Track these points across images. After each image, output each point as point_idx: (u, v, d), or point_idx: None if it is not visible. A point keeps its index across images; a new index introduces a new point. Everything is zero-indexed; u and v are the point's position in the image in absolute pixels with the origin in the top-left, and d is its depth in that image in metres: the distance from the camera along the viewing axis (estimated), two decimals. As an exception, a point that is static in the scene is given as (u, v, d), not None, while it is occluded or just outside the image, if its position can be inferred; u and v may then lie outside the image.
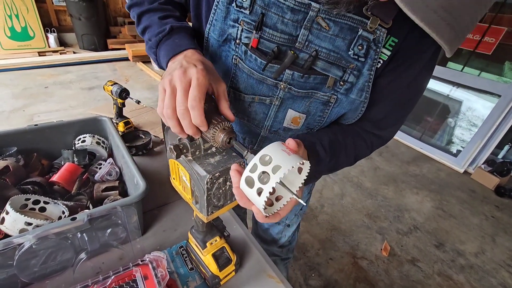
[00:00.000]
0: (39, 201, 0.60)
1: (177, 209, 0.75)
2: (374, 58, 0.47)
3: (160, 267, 0.52)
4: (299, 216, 0.94)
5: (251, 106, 0.58)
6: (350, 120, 0.58)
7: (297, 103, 0.54)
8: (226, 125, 0.41)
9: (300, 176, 0.39)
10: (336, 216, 2.00)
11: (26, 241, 0.47)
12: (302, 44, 0.47)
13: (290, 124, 0.58)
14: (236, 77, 0.55)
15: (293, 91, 0.52)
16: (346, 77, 0.49)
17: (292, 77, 0.50)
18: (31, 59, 3.70)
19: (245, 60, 0.51)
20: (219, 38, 0.52)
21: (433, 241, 1.90)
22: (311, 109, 0.55)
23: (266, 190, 0.33)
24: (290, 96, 0.53)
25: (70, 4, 3.97)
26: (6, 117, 2.57)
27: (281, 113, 0.57)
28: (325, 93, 0.52)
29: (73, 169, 0.72)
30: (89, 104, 2.91)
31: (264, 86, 0.53)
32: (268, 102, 0.55)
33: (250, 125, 0.62)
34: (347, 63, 0.48)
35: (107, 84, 1.01)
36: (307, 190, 0.89)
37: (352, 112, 0.55)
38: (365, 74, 0.48)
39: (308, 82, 0.50)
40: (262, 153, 0.35)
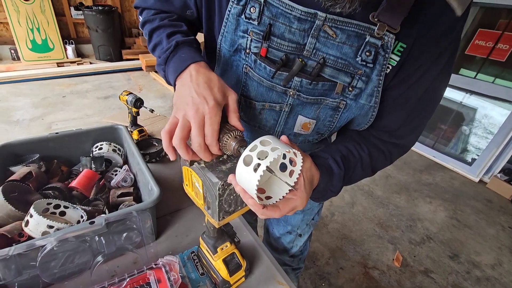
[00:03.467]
0: (59, 205, 0.63)
1: (188, 215, 0.77)
2: (383, 63, 0.47)
3: (173, 271, 0.53)
4: (311, 226, 0.94)
5: (262, 113, 0.59)
6: (362, 126, 0.58)
7: (307, 109, 0.55)
8: (237, 133, 0.43)
9: (294, 173, 0.42)
10: (347, 225, 1.98)
11: (48, 243, 0.49)
12: (310, 52, 0.48)
13: (300, 130, 0.59)
14: (247, 85, 0.57)
15: (302, 97, 0.53)
16: (354, 83, 0.50)
17: (300, 84, 0.51)
18: (50, 70, 3.86)
19: (254, 69, 0.53)
20: (230, 49, 0.54)
21: (447, 251, 1.85)
22: (320, 115, 0.56)
23: (264, 164, 0.35)
24: (299, 103, 0.54)
25: (88, 17, 4.14)
26: (26, 125, 2.68)
27: (291, 120, 0.58)
28: (334, 99, 0.53)
29: (91, 175, 0.75)
30: (104, 113, 3.01)
31: (274, 93, 0.55)
32: (278, 108, 0.57)
33: (262, 131, 0.63)
34: (355, 70, 0.48)
35: (122, 94, 1.05)
36: (320, 206, 0.90)
37: (362, 117, 0.55)
38: (374, 80, 0.49)
39: (317, 89, 0.51)
40: (261, 138, 0.38)
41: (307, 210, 0.88)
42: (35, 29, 3.97)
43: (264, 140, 0.38)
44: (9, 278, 0.49)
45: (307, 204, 0.84)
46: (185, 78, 0.46)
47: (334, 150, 0.56)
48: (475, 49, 2.68)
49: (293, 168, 0.42)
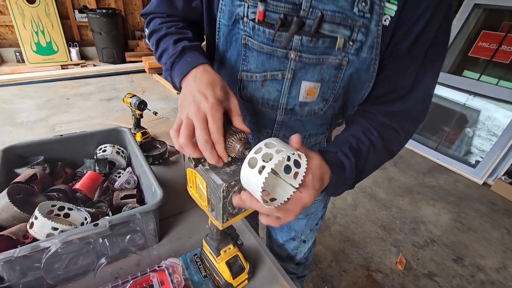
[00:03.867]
0: (63, 207, 0.63)
1: (191, 217, 0.78)
2: (379, 13, 0.47)
3: (176, 273, 0.53)
4: (314, 232, 0.92)
5: (264, 86, 0.58)
6: (365, 85, 0.56)
7: (310, 73, 0.54)
8: (242, 136, 0.43)
9: (299, 175, 0.42)
10: (349, 227, 1.97)
11: (52, 245, 0.50)
12: (307, 11, 0.48)
13: (306, 97, 0.57)
14: (247, 58, 0.56)
15: (304, 58, 0.52)
16: (354, 36, 0.49)
17: (301, 43, 0.50)
18: (54, 72, 3.90)
19: (254, 36, 0.53)
20: (228, 22, 0.54)
21: (451, 255, 1.83)
22: (324, 76, 0.54)
23: (269, 166, 0.35)
24: (301, 66, 0.53)
25: (92, 19, 4.18)
26: (30, 127, 2.70)
27: (295, 87, 0.56)
28: (336, 57, 0.52)
29: (95, 177, 0.76)
30: (107, 115, 3.03)
31: (275, 60, 0.54)
32: (280, 77, 0.55)
33: (265, 110, 0.62)
34: (354, 22, 0.48)
35: (126, 97, 1.06)
36: (322, 203, 0.88)
37: (365, 72, 0.54)
38: (373, 31, 0.49)
39: (318, 47, 0.51)
40: (266, 141, 0.39)
41: (311, 214, 0.87)
42: (40, 31, 4.02)
43: (269, 143, 0.39)
44: (14, 280, 0.49)
45: (311, 208, 0.84)
46: (189, 80, 0.47)
47: (341, 142, 0.55)
48: (478, 51, 2.67)
49: (298, 170, 0.42)
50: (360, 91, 0.58)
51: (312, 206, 0.83)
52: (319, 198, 0.83)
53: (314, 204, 0.83)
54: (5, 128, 2.66)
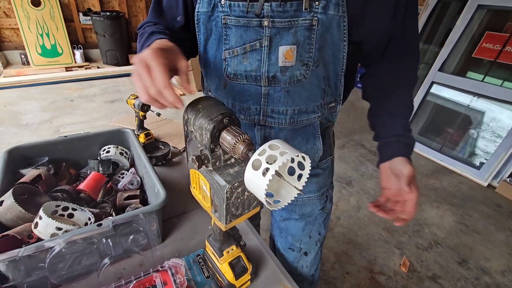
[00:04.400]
0: (68, 207, 0.64)
1: (194, 218, 0.78)
2: None
3: (179, 274, 0.54)
4: (317, 243, 0.86)
5: (245, 58, 0.61)
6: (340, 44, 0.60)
7: (285, 37, 0.57)
8: (245, 137, 0.43)
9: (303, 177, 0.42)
10: (353, 229, 1.96)
11: (56, 245, 0.50)
12: None
13: (285, 61, 0.60)
14: (228, 37, 0.60)
15: (276, 23, 0.56)
16: None
17: (271, 9, 0.55)
18: (58, 74, 3.93)
19: (231, 12, 0.57)
20: (208, 9, 0.59)
21: (455, 257, 1.82)
22: (299, 38, 0.57)
23: (273, 168, 0.36)
24: (276, 32, 0.57)
25: (96, 22, 4.22)
26: (35, 129, 2.73)
27: (273, 53, 0.59)
28: (306, 17, 0.55)
29: (99, 178, 0.76)
30: (111, 116, 3.05)
31: (251, 31, 0.58)
32: (258, 46, 0.59)
33: (250, 84, 0.64)
34: None
35: (130, 98, 1.07)
36: (318, 203, 0.83)
37: (336, 30, 0.58)
38: None
39: (287, 11, 0.55)
40: (270, 142, 0.39)
41: (307, 217, 0.82)
42: (45, 34, 4.06)
43: (273, 144, 0.39)
44: (19, 279, 0.49)
45: (306, 207, 0.82)
46: None
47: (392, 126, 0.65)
48: (482, 52, 2.65)
49: (302, 171, 0.42)
50: (338, 54, 0.61)
51: (307, 205, 0.81)
52: (314, 196, 0.80)
53: (308, 201, 0.81)
54: (10, 130, 2.68)
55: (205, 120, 0.45)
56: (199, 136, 0.47)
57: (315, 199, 0.81)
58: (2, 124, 2.76)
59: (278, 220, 0.88)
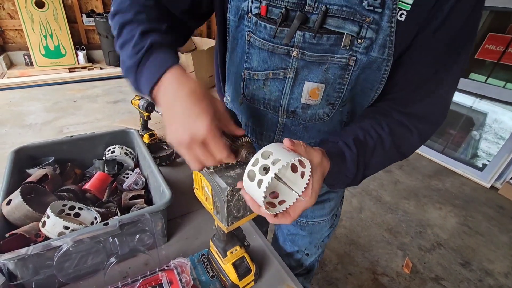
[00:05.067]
0: (74, 207, 0.64)
1: (198, 218, 0.78)
2: (392, 8, 0.43)
3: (185, 273, 0.54)
4: (319, 248, 0.88)
5: (266, 85, 0.55)
6: (375, 87, 0.52)
7: (313, 73, 0.50)
8: (245, 140, 0.44)
9: (303, 180, 0.41)
10: (355, 231, 1.96)
11: (64, 244, 0.51)
12: (312, 6, 0.45)
13: (308, 99, 0.54)
14: (250, 55, 0.54)
15: (306, 56, 0.49)
16: (363, 32, 0.45)
17: (303, 39, 0.47)
18: (62, 75, 3.95)
19: (256, 32, 0.50)
20: (235, 18, 0.53)
21: (458, 259, 1.81)
22: (329, 77, 0.50)
23: (266, 180, 0.35)
24: (304, 65, 0.50)
25: (99, 23, 4.24)
26: (38, 129, 2.74)
27: (297, 88, 0.53)
28: (342, 55, 0.47)
29: (104, 178, 0.77)
30: (113, 117, 3.06)
31: (277, 58, 0.51)
32: (282, 75, 0.52)
33: (267, 111, 0.59)
34: (363, 17, 0.44)
35: (134, 99, 1.08)
36: (328, 224, 0.82)
37: (375, 72, 0.49)
38: (384, 27, 0.44)
39: (321, 44, 0.47)
40: (263, 150, 0.38)
41: (315, 234, 0.83)
42: (48, 35, 4.08)
43: (266, 152, 0.38)
44: (27, 277, 0.50)
45: (315, 226, 0.82)
46: (166, 93, 0.41)
47: (346, 133, 0.51)
48: (485, 54, 2.65)
49: (301, 176, 0.41)
50: (369, 93, 0.53)
51: (316, 225, 0.81)
52: (325, 219, 0.80)
53: (319, 224, 0.80)
54: (14, 130, 2.70)
55: None
56: None
57: (325, 221, 0.81)
58: (6, 125, 2.78)
59: (285, 233, 0.88)
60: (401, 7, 0.43)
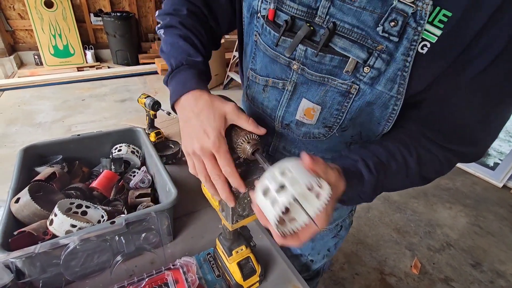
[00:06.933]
0: (81, 205, 0.65)
1: (203, 217, 0.78)
2: (412, 39, 0.37)
3: (190, 272, 0.54)
4: (324, 257, 0.85)
5: (265, 91, 0.54)
6: (381, 125, 0.48)
7: (312, 91, 0.47)
8: (252, 137, 0.43)
9: (318, 201, 0.37)
10: (362, 230, 1.94)
11: (71, 242, 0.51)
12: (323, 18, 0.41)
13: (303, 117, 0.51)
14: (255, 57, 0.53)
15: (306, 73, 0.46)
16: (372, 61, 0.40)
17: (305, 55, 0.44)
18: (70, 74, 4.01)
19: (261, 35, 0.48)
20: (247, 14, 0.51)
21: (468, 259, 1.77)
22: (327, 100, 0.47)
23: (282, 203, 0.33)
24: (303, 81, 0.47)
25: (107, 23, 4.28)
26: (48, 128, 2.79)
27: (294, 102, 0.51)
28: (344, 81, 0.43)
29: (111, 176, 0.77)
30: (121, 116, 3.09)
31: (277, 67, 0.49)
32: (281, 86, 0.50)
33: (265, 116, 0.57)
34: (374, 43, 0.39)
35: (141, 97, 1.08)
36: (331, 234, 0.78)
37: (380, 108, 0.45)
38: (398, 60, 0.39)
39: (324, 63, 0.43)
40: (281, 164, 0.36)
41: (316, 240, 0.79)
42: (57, 35, 4.14)
43: (283, 166, 0.35)
44: (35, 275, 0.50)
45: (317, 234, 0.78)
46: (184, 107, 0.46)
47: (368, 152, 0.46)
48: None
49: (316, 196, 0.37)
50: (377, 127, 0.49)
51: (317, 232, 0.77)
52: (327, 227, 0.75)
53: (320, 231, 0.76)
54: (24, 129, 2.75)
55: None
56: None
57: (327, 231, 0.77)
58: (17, 123, 2.83)
59: None
60: (425, 37, 0.37)
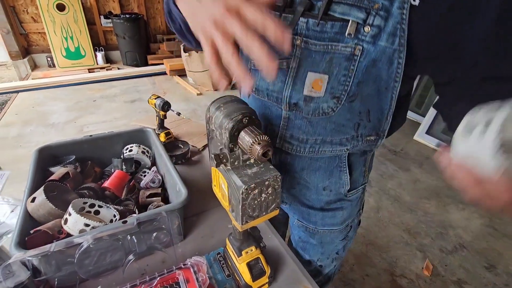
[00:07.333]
0: (94, 204, 0.66)
1: (213, 217, 0.78)
2: None
3: (201, 272, 0.54)
4: (333, 260, 0.83)
5: None
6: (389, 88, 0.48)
7: (316, 62, 0.48)
8: (263, 138, 0.43)
9: None
10: (372, 231, 1.91)
11: (85, 241, 0.52)
12: None
13: (311, 91, 0.51)
14: None
15: (310, 45, 0.46)
16: (370, 20, 0.41)
17: (307, 26, 0.45)
18: (82, 76, 4.09)
19: None
20: None
21: (482, 262, 1.73)
22: (333, 68, 0.47)
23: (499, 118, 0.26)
24: (308, 55, 0.48)
25: (116, 25, 4.35)
26: (61, 128, 2.85)
27: (300, 79, 0.51)
28: (347, 44, 0.44)
29: (122, 176, 0.78)
30: (131, 116, 3.13)
31: None
32: (285, 65, 0.51)
33: (271, 103, 0.57)
34: (370, 3, 0.41)
35: (151, 98, 1.09)
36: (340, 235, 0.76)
37: (385, 65, 0.45)
38: (395, 14, 0.40)
39: (326, 31, 0.44)
40: None
41: (326, 244, 0.77)
42: (69, 37, 4.24)
43: None
44: (50, 273, 0.52)
45: (326, 237, 0.75)
46: None
47: None
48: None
49: None
50: (385, 93, 0.49)
51: (326, 234, 0.74)
52: (337, 229, 0.73)
53: (329, 233, 0.74)
54: (38, 129, 2.82)
55: (225, 119, 0.45)
56: (219, 135, 0.48)
57: (337, 232, 0.74)
58: (32, 124, 2.91)
59: (296, 240, 0.84)
60: None
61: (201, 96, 3.77)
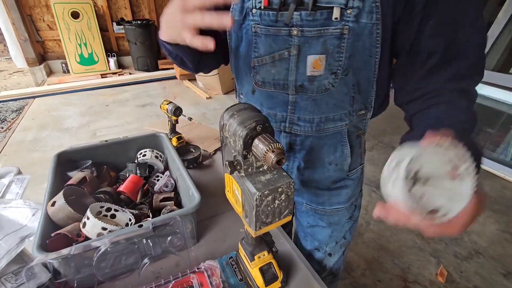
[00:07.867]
0: (110, 208, 0.68)
1: (226, 221, 0.79)
2: None
3: (215, 276, 0.55)
4: (341, 246, 0.88)
5: (274, 66, 0.62)
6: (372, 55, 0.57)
7: (314, 46, 0.57)
8: (276, 146, 0.43)
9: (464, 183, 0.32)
10: (384, 235, 1.88)
11: (102, 245, 0.53)
12: None
13: (313, 70, 0.59)
14: (258, 44, 0.61)
15: (305, 32, 0.55)
16: (350, 3, 0.51)
17: (300, 18, 0.54)
18: (95, 81, 4.20)
19: (261, 22, 0.58)
20: (239, 18, 0.61)
21: (499, 268, 1.68)
22: (328, 47, 0.56)
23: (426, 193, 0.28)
24: (305, 41, 0.56)
25: (128, 31, 4.46)
26: (74, 133, 2.93)
27: (302, 63, 0.59)
28: (336, 26, 0.54)
29: (137, 181, 0.80)
30: (142, 120, 3.19)
31: (280, 40, 0.58)
32: (287, 54, 0.59)
33: (277, 92, 0.64)
34: None
35: (163, 103, 1.11)
36: (347, 213, 0.82)
37: (367, 37, 0.54)
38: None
39: (317, 19, 0.54)
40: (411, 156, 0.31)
41: (335, 225, 0.83)
42: (83, 44, 4.36)
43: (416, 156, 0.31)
44: (70, 275, 0.53)
45: (334, 217, 0.81)
46: None
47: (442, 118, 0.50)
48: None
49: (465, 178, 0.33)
50: (369, 61, 0.57)
51: (334, 214, 0.80)
52: (343, 207, 0.79)
53: (336, 213, 0.80)
54: (54, 134, 2.91)
55: (239, 126, 0.46)
56: (232, 142, 0.48)
57: (343, 210, 0.80)
58: (47, 128, 3.00)
59: (305, 226, 0.88)
60: None
61: (211, 100, 3.81)
